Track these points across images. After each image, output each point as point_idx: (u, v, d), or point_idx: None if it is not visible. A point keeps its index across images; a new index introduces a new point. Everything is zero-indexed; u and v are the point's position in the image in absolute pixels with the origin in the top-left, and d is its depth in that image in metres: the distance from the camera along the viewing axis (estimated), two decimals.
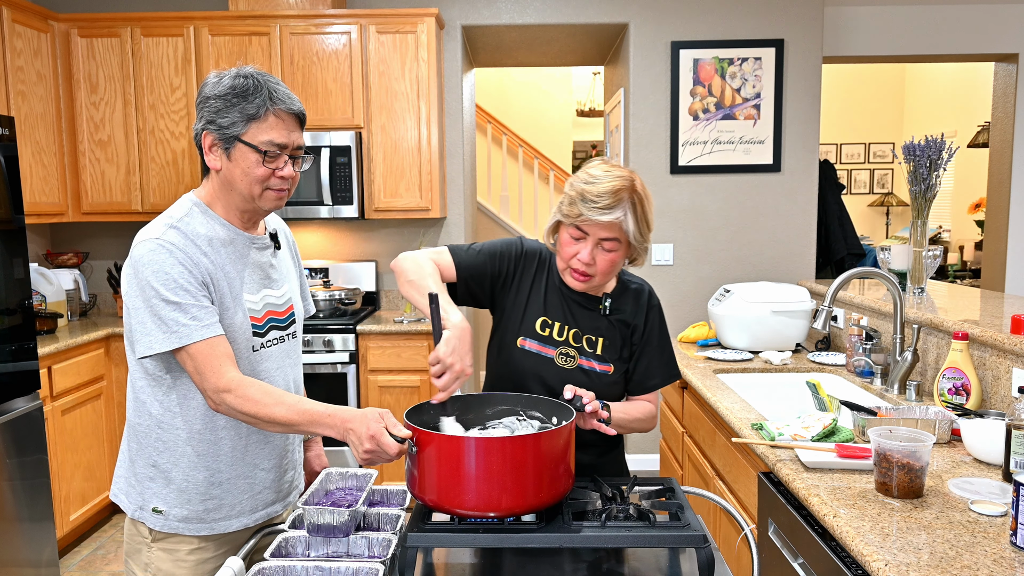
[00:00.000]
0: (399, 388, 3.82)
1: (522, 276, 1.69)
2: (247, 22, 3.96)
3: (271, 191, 1.49)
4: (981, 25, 4.56)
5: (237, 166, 1.46)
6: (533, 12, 4.31)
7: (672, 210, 4.34)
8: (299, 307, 1.70)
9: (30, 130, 3.67)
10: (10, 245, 2.92)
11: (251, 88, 1.43)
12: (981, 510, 1.44)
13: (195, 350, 1.39)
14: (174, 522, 1.51)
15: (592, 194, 1.52)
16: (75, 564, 3.38)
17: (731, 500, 2.27)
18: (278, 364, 1.59)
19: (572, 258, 1.58)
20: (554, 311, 1.67)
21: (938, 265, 2.81)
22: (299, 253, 1.79)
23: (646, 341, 1.71)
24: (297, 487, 1.70)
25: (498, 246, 1.70)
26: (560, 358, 1.65)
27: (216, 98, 1.44)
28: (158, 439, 1.50)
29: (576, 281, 1.61)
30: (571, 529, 1.26)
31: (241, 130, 1.43)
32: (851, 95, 8.11)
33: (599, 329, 1.68)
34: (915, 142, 2.71)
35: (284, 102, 1.46)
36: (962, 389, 2.09)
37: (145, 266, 1.40)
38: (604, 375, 1.66)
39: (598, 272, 1.59)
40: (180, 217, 1.48)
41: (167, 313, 1.39)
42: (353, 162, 3.92)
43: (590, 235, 1.55)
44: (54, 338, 3.45)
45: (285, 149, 1.47)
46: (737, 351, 3.02)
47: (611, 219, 1.52)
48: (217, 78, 1.46)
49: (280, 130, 1.46)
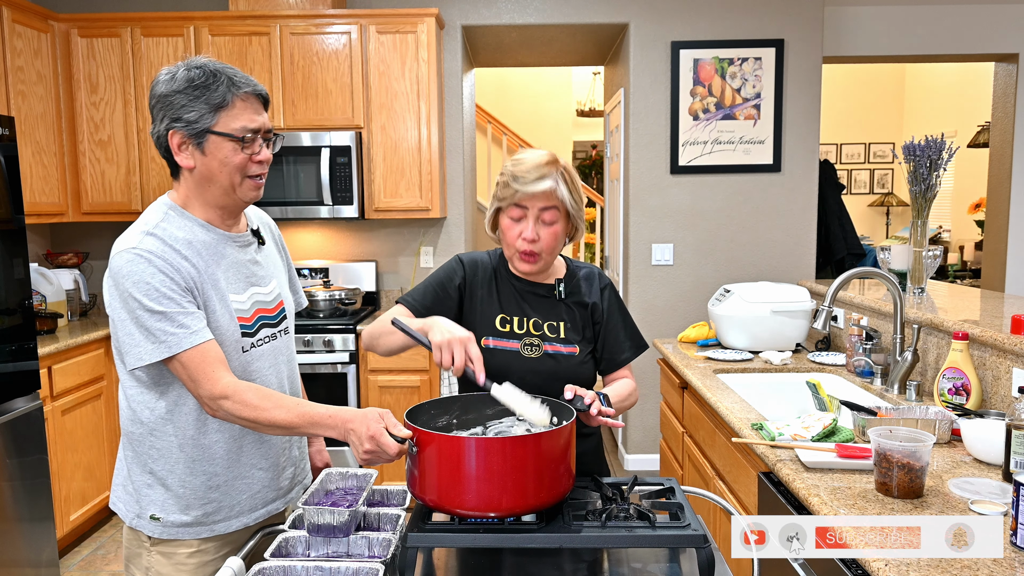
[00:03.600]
0: (399, 388, 3.82)
1: (472, 291, 1.73)
2: (247, 22, 3.96)
3: (250, 179, 1.47)
4: (981, 25, 4.56)
5: (213, 158, 1.43)
6: (533, 12, 4.31)
7: (672, 210, 4.34)
8: (289, 302, 1.68)
9: (30, 130, 3.67)
10: (10, 245, 2.92)
11: (209, 77, 1.40)
12: (981, 510, 1.44)
13: (186, 358, 1.37)
14: (173, 528, 1.49)
15: (522, 170, 1.61)
16: (75, 564, 3.38)
17: (731, 500, 2.27)
18: (270, 363, 1.56)
19: (517, 239, 1.64)
20: (510, 306, 1.71)
21: (938, 265, 2.81)
22: (286, 245, 1.77)
23: (607, 318, 1.76)
24: (300, 482, 1.68)
25: (441, 275, 1.75)
26: (525, 348, 1.68)
27: (176, 94, 1.40)
28: (152, 447, 1.48)
29: (525, 263, 1.66)
30: (571, 529, 1.25)
31: (211, 121, 1.40)
32: (851, 95, 8.11)
33: (558, 314, 1.72)
34: (915, 142, 2.71)
35: (247, 85, 1.44)
36: (962, 389, 2.09)
37: (125, 277, 1.38)
38: (571, 356, 1.69)
39: (544, 248, 1.64)
40: (156, 223, 1.44)
41: (153, 323, 1.36)
42: (353, 162, 3.92)
43: (529, 209, 1.62)
44: (54, 338, 3.44)
45: (258, 133, 1.46)
46: (737, 351, 3.02)
47: (545, 187, 1.59)
48: (169, 74, 1.42)
49: (249, 114, 1.44)
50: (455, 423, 1.50)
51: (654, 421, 4.40)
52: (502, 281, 1.74)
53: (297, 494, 1.67)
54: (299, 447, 1.70)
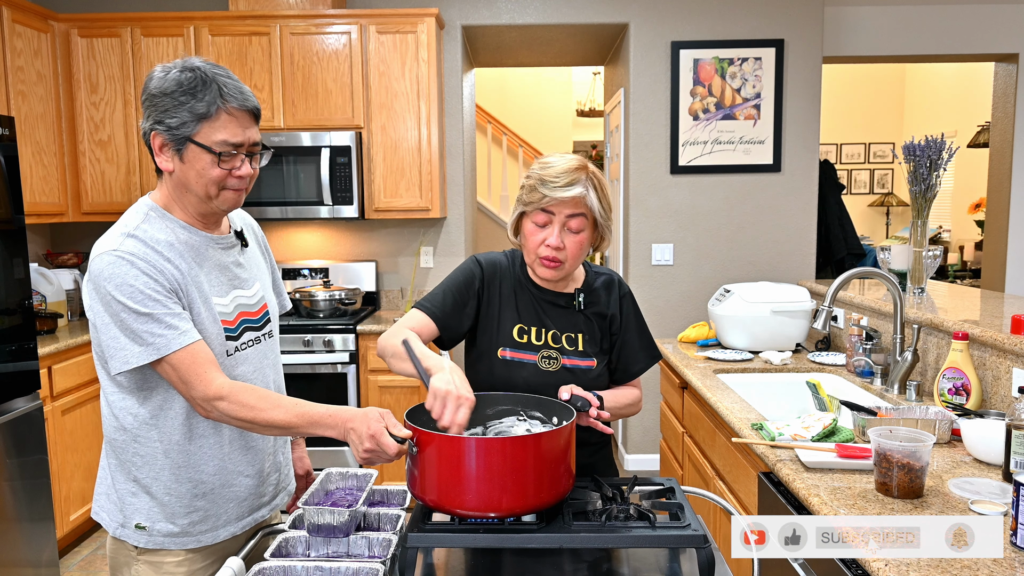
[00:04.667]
0: (399, 388, 3.82)
1: (490, 295, 1.68)
2: (247, 22, 3.96)
3: (228, 191, 1.42)
4: (981, 25, 4.56)
5: (191, 168, 1.38)
6: (533, 12, 4.31)
7: (672, 210, 4.34)
8: (273, 305, 1.64)
9: (30, 130, 3.67)
10: (10, 245, 2.92)
11: (199, 84, 1.35)
12: (981, 510, 1.44)
13: (176, 360, 1.34)
14: (159, 537, 1.46)
15: (551, 175, 1.55)
16: (75, 564, 3.38)
17: (731, 500, 2.27)
18: (255, 367, 1.53)
19: (540, 246, 1.58)
20: (528, 316, 1.66)
21: (938, 265, 2.81)
22: (270, 247, 1.73)
23: (624, 329, 1.72)
24: (284, 488, 1.66)
25: (460, 278, 1.68)
26: (543, 361, 1.64)
27: (163, 95, 1.35)
28: (135, 453, 1.44)
29: (546, 269, 1.60)
30: (571, 529, 1.25)
31: (192, 130, 1.35)
32: (851, 95, 8.11)
33: (577, 325, 1.68)
34: (915, 142, 2.71)
35: (236, 98, 1.37)
36: (962, 389, 2.09)
37: (107, 280, 1.33)
38: (589, 370, 1.66)
39: (568, 256, 1.59)
40: (137, 224, 1.40)
41: (139, 325, 1.33)
42: (353, 162, 3.92)
43: (556, 216, 1.56)
44: (54, 338, 3.44)
45: (241, 148, 1.40)
46: (737, 351, 3.02)
47: (575, 194, 1.54)
48: (163, 72, 1.37)
49: (234, 128, 1.38)
50: None
51: (654, 421, 4.40)
52: (521, 288, 1.68)
53: (281, 500, 1.65)
54: (283, 452, 1.66)
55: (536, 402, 1.50)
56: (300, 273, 4.32)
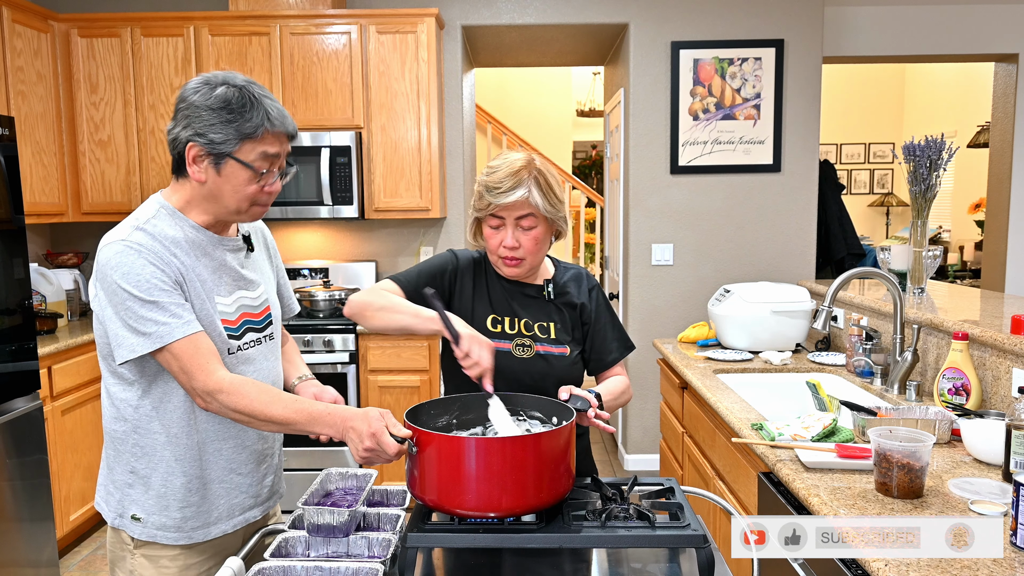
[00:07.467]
0: (399, 388, 3.82)
1: (462, 285, 1.74)
2: (247, 22, 3.96)
3: (257, 206, 1.47)
4: (981, 25, 4.56)
5: (227, 182, 1.41)
6: (533, 12, 4.31)
7: (672, 210, 4.34)
8: (276, 308, 1.66)
9: (30, 130, 3.67)
10: (10, 245, 2.92)
11: (246, 104, 1.38)
12: (981, 510, 1.44)
13: (178, 349, 1.35)
14: (152, 529, 1.48)
15: (494, 182, 1.60)
16: (75, 564, 3.38)
17: (731, 500, 2.27)
18: (256, 368, 1.54)
19: (499, 247, 1.65)
20: (501, 307, 1.72)
21: (938, 265, 2.81)
22: (278, 252, 1.75)
23: (595, 318, 1.77)
24: (277, 491, 1.67)
25: (435, 263, 1.76)
26: (517, 348, 1.69)
27: (208, 109, 1.37)
28: (135, 444, 1.46)
29: (509, 268, 1.68)
30: (571, 529, 1.25)
31: (234, 147, 1.39)
32: (851, 95, 8.11)
33: (548, 314, 1.73)
34: (915, 142, 2.71)
35: (279, 123, 1.42)
36: (962, 389, 2.09)
37: (113, 269, 1.36)
38: (563, 357, 1.70)
39: (526, 253, 1.65)
40: (147, 219, 1.42)
41: (143, 313, 1.34)
42: (353, 162, 3.92)
43: (506, 219, 1.62)
44: (54, 338, 3.44)
45: (277, 160, 1.44)
46: (737, 351, 3.02)
47: (517, 198, 1.59)
48: (207, 87, 1.39)
49: (275, 149, 1.43)
50: (455, 423, 1.50)
51: (654, 421, 4.40)
52: (492, 281, 1.75)
53: (275, 502, 1.67)
54: (279, 455, 1.68)
55: (536, 402, 1.50)
56: (300, 273, 4.32)
